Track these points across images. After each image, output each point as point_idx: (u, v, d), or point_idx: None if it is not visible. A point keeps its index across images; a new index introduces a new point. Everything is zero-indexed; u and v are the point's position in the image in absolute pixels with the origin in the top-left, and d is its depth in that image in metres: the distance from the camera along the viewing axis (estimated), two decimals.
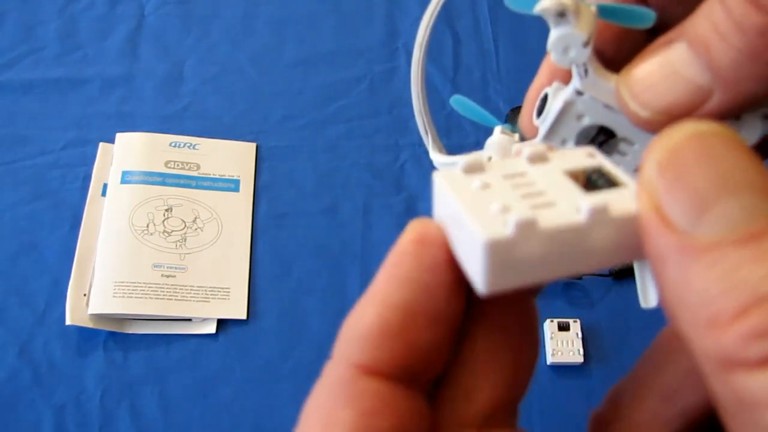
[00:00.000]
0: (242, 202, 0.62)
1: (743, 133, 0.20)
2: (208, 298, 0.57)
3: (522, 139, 0.25)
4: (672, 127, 0.13)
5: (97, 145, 0.63)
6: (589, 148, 0.16)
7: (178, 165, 0.63)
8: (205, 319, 0.57)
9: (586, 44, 0.19)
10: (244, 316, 0.57)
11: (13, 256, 0.58)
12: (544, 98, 0.22)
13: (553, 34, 0.19)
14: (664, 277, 0.12)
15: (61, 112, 0.65)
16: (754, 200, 0.12)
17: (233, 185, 0.63)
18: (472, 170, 0.15)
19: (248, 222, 0.61)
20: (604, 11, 0.19)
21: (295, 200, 0.62)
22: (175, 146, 0.64)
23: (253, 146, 0.65)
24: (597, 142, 0.22)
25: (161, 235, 0.59)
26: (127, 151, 0.63)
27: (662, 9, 0.20)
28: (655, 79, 0.18)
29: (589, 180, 0.15)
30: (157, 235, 0.59)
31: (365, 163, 0.64)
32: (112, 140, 0.63)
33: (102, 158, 0.63)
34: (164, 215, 0.60)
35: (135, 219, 0.59)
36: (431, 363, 0.14)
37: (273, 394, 0.54)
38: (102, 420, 0.53)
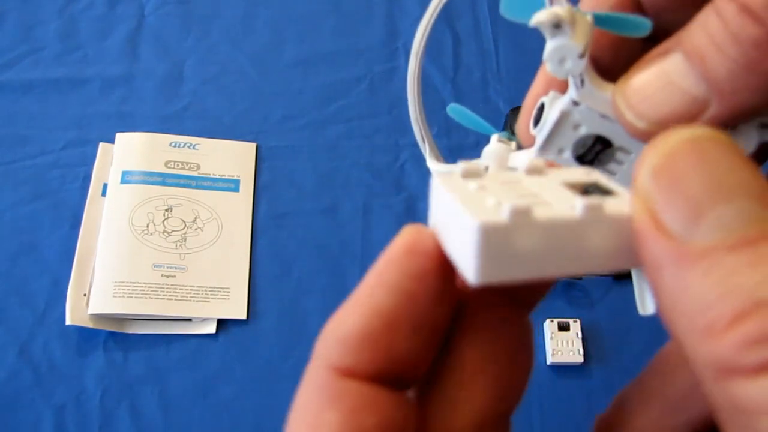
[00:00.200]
0: (242, 202, 0.62)
1: (740, 143, 0.20)
2: (208, 298, 0.57)
3: (519, 147, 0.25)
4: (666, 132, 0.13)
5: (97, 145, 0.63)
6: (587, 168, 0.16)
7: (178, 165, 0.63)
8: (205, 319, 0.57)
9: (582, 55, 0.19)
10: (244, 316, 0.57)
11: (13, 256, 0.58)
12: (541, 107, 0.22)
13: (549, 46, 0.19)
14: (659, 284, 0.12)
15: (61, 112, 0.65)
16: (750, 205, 0.12)
17: (233, 185, 0.63)
18: (469, 175, 0.15)
19: (248, 222, 0.61)
20: (599, 20, 0.19)
21: (295, 200, 0.62)
22: (175, 146, 0.64)
23: (253, 146, 0.65)
24: (594, 152, 0.22)
25: (161, 235, 0.59)
26: (127, 151, 0.63)
27: (658, 17, 0.20)
28: (651, 90, 0.18)
29: (585, 191, 0.15)
30: (157, 235, 0.59)
31: (365, 163, 0.64)
32: (112, 140, 0.63)
33: (102, 158, 0.63)
34: (164, 215, 0.60)
35: (135, 219, 0.59)
36: (412, 368, 0.15)
37: (273, 394, 0.54)
38: (102, 420, 0.53)
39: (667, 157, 0.12)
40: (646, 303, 0.24)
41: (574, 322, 0.55)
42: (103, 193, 0.61)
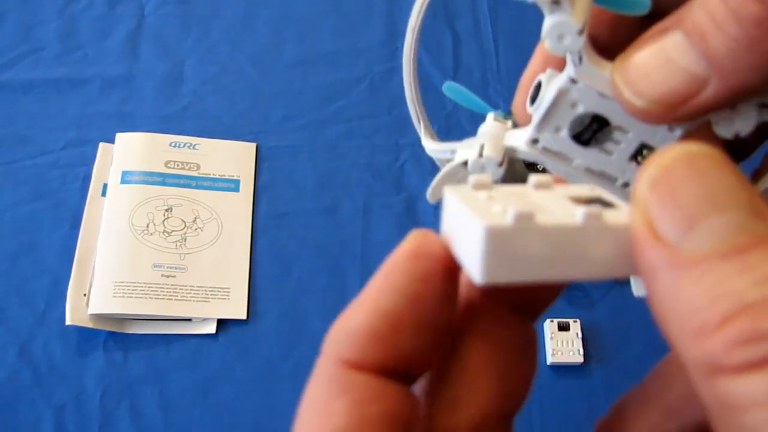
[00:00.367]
0: (242, 202, 0.62)
1: (738, 122, 0.20)
2: (208, 298, 0.57)
3: (515, 125, 0.25)
4: (664, 148, 0.13)
5: (97, 145, 0.63)
6: (592, 185, 0.17)
7: (178, 165, 0.63)
8: (205, 319, 0.57)
9: (581, 32, 0.19)
10: (244, 316, 0.57)
11: (13, 256, 0.58)
12: (538, 85, 0.22)
13: (547, 22, 0.19)
14: (654, 289, 0.13)
15: (61, 112, 0.65)
16: (740, 217, 0.12)
17: (233, 185, 0.63)
18: (479, 187, 0.16)
19: (248, 222, 0.61)
20: None
21: (295, 200, 0.62)
22: (175, 146, 0.64)
23: (253, 146, 0.65)
24: (591, 130, 0.22)
25: (161, 235, 0.59)
26: (127, 151, 0.63)
27: None
28: (650, 68, 0.18)
29: (588, 203, 0.15)
30: (157, 235, 0.59)
31: (365, 163, 0.64)
32: (112, 140, 0.63)
33: (102, 158, 0.63)
34: (164, 215, 0.60)
35: (135, 219, 0.59)
36: (417, 364, 0.15)
37: (273, 394, 0.54)
38: (102, 420, 0.53)
39: (665, 169, 0.13)
40: (641, 286, 0.24)
41: (574, 322, 0.55)
42: (103, 193, 0.61)
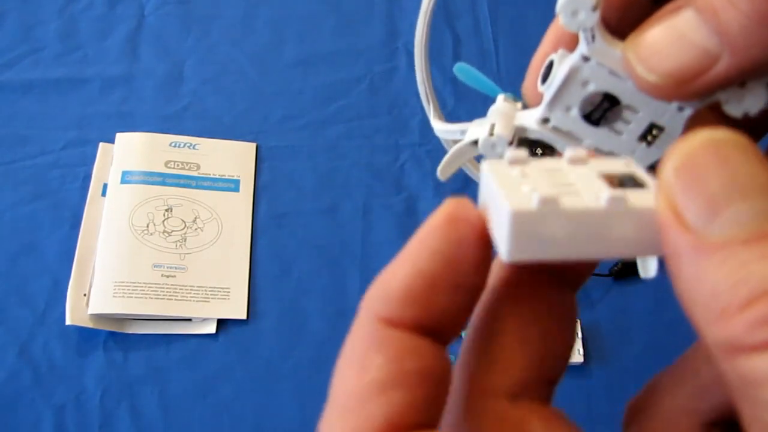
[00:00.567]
0: (242, 202, 0.62)
1: (748, 101, 0.20)
2: (208, 298, 0.57)
3: (524, 107, 0.25)
4: (689, 134, 0.14)
5: (97, 145, 0.63)
6: (628, 159, 0.17)
7: (178, 165, 0.63)
8: (205, 319, 0.57)
9: (595, 8, 0.20)
10: (244, 316, 0.57)
11: (13, 256, 0.58)
12: (550, 65, 0.22)
13: None
14: (678, 272, 0.13)
15: (61, 112, 0.65)
16: (763, 203, 0.13)
17: (233, 185, 0.63)
18: (515, 162, 0.17)
19: (248, 222, 0.61)
20: None
21: (295, 200, 0.62)
22: (175, 146, 0.64)
23: (253, 146, 0.65)
24: (601, 109, 0.22)
25: (161, 235, 0.59)
26: (127, 151, 0.63)
27: None
28: (662, 44, 0.19)
29: (620, 183, 0.16)
30: (157, 235, 0.59)
31: (365, 163, 0.64)
32: (112, 140, 0.64)
33: (102, 158, 0.63)
34: (164, 215, 0.60)
35: (135, 219, 0.59)
36: (450, 324, 0.16)
37: (273, 394, 0.54)
38: (102, 420, 0.53)
39: (689, 156, 0.13)
40: (648, 268, 0.24)
41: None
42: (103, 193, 0.61)
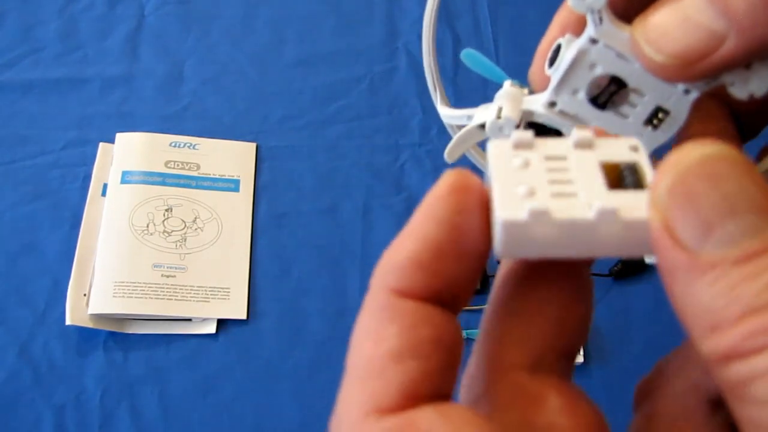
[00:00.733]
0: (242, 202, 0.62)
1: (754, 83, 0.20)
2: (208, 298, 0.57)
3: (531, 93, 0.25)
4: (681, 150, 0.14)
5: (97, 145, 0.63)
6: (635, 140, 0.17)
7: (178, 165, 0.63)
8: (205, 319, 0.57)
9: None
10: (244, 316, 0.57)
11: (13, 256, 0.58)
12: (557, 49, 0.23)
13: None
14: (673, 287, 0.14)
15: (61, 112, 0.65)
16: (754, 220, 0.13)
17: (233, 185, 0.63)
18: (520, 146, 0.17)
19: (248, 222, 0.61)
20: None
21: (295, 200, 0.62)
22: (175, 146, 0.64)
23: (253, 146, 0.65)
24: (608, 92, 0.22)
25: (161, 235, 0.59)
26: (127, 151, 0.63)
27: None
28: (669, 26, 0.19)
29: (620, 175, 0.16)
30: (157, 235, 0.59)
31: (365, 163, 0.64)
32: (112, 140, 0.64)
33: (102, 158, 0.63)
34: (164, 215, 0.60)
35: (135, 219, 0.59)
36: (459, 292, 0.16)
37: (273, 394, 0.54)
38: (102, 420, 0.53)
39: (681, 176, 0.14)
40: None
41: None
42: (103, 193, 0.61)
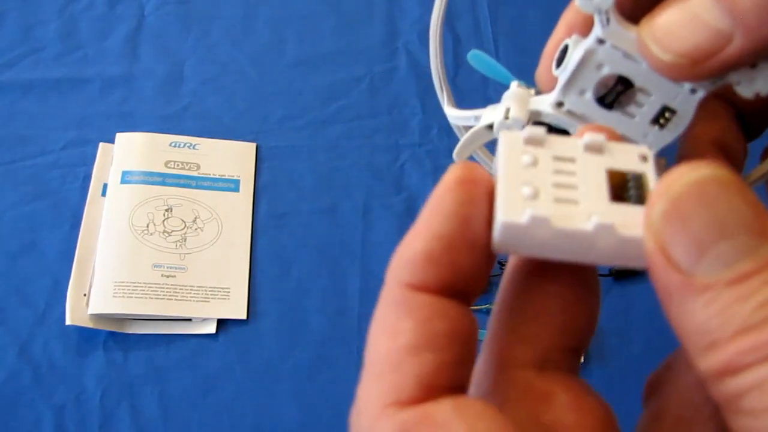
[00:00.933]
0: (242, 202, 0.62)
1: (760, 81, 0.21)
2: (208, 298, 0.57)
3: (537, 93, 0.25)
4: (675, 172, 0.14)
5: (97, 145, 0.63)
6: (646, 149, 0.17)
7: (178, 165, 0.63)
8: (205, 319, 0.57)
9: None
10: (244, 316, 0.57)
11: (13, 256, 0.58)
12: (564, 49, 0.23)
13: None
14: (669, 307, 0.14)
15: (61, 112, 0.65)
16: (746, 240, 0.14)
17: (233, 185, 0.63)
18: (531, 142, 0.17)
19: (248, 222, 0.61)
20: None
21: (295, 200, 0.62)
22: (175, 146, 0.64)
23: (253, 146, 0.65)
24: (615, 92, 0.23)
25: (161, 235, 0.59)
26: (127, 151, 0.63)
27: None
28: (676, 25, 0.20)
29: (625, 185, 0.16)
30: (157, 235, 0.59)
31: (365, 163, 0.64)
32: (112, 140, 0.64)
33: (102, 158, 0.63)
34: (164, 215, 0.60)
35: (135, 219, 0.59)
36: (472, 283, 0.16)
37: (273, 394, 0.54)
38: (102, 420, 0.53)
39: (675, 201, 0.14)
40: None
41: None
42: (103, 193, 0.61)
